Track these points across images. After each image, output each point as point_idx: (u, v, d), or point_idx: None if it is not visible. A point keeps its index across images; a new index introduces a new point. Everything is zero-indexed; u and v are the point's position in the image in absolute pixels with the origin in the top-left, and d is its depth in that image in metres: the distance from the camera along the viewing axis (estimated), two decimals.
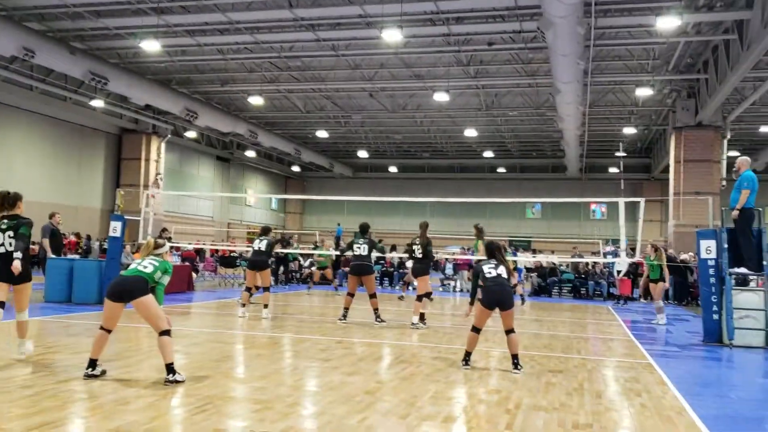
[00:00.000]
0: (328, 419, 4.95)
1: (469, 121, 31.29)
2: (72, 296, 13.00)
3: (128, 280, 6.28)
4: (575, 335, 11.11)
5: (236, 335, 9.63)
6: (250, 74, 25.49)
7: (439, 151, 41.08)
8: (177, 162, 36.35)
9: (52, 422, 4.57)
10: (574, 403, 5.85)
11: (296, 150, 37.71)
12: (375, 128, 34.84)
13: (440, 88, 23.74)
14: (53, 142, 29.29)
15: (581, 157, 34.26)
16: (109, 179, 32.37)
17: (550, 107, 26.17)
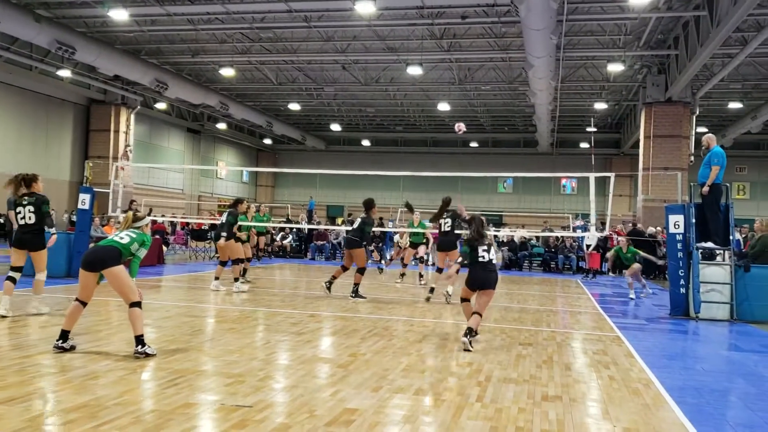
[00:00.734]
0: (300, 392, 4.96)
1: (442, 95, 31.19)
2: None
3: (101, 249, 6.27)
4: (545, 308, 11.29)
5: (208, 309, 9.57)
6: (222, 45, 24.98)
7: (412, 125, 40.99)
8: (147, 134, 35.68)
9: (19, 397, 4.50)
10: (543, 375, 5.95)
11: (268, 122, 37.25)
12: (348, 101, 34.55)
13: (413, 62, 23.56)
14: (19, 112, 28.48)
15: (552, 132, 34.48)
16: (77, 151, 31.67)
17: (522, 82, 26.20)
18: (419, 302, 11.31)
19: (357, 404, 4.69)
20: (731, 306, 10.36)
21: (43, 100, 29.53)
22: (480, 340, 7.57)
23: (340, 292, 11.69)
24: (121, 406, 4.40)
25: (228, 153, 44.71)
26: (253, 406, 4.52)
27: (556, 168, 36.32)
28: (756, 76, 24.50)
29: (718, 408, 5.18)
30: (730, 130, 32.37)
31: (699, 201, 10.98)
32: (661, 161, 23.36)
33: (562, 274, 20.49)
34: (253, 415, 4.33)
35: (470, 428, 4.27)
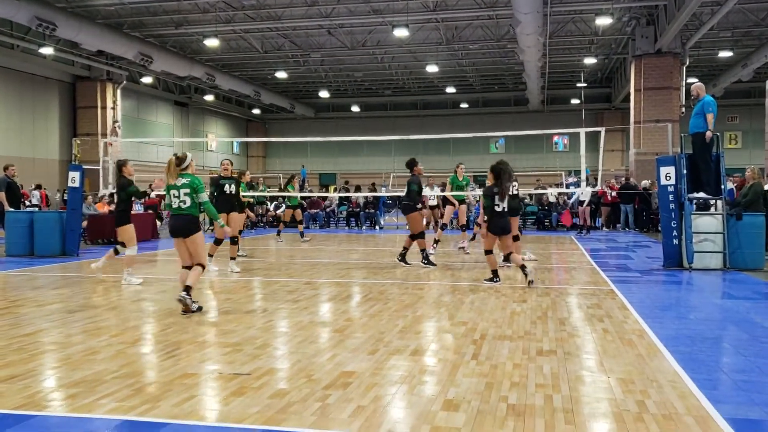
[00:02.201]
0: (297, 358, 5.01)
1: (430, 57, 30.84)
2: (34, 249, 12.76)
3: (181, 219, 7.10)
4: (539, 266, 11.35)
5: (203, 281, 9.60)
6: (205, 15, 24.53)
7: (401, 88, 40.62)
8: (134, 109, 35.28)
9: (20, 375, 4.53)
10: (538, 330, 6.02)
11: (255, 92, 36.84)
12: (335, 67, 34.14)
13: (400, 23, 23.22)
14: (3, 92, 28.07)
15: (543, 89, 34.23)
16: (65, 129, 31.33)
17: (510, 39, 25.89)
18: (413, 266, 11.35)
19: (354, 367, 4.74)
20: (724, 255, 10.45)
21: (28, 79, 29.08)
22: (475, 299, 7.64)
23: (325, 260, 11.72)
24: (120, 379, 4.43)
25: (217, 125, 44.32)
26: (251, 374, 4.56)
27: (548, 125, 36.17)
28: (746, 23, 24.24)
29: (712, 355, 5.26)
30: (721, 80, 32.19)
31: (690, 152, 10.98)
32: (652, 114, 23.27)
33: (555, 232, 20.59)
34: (252, 382, 4.37)
35: (466, 385, 4.33)
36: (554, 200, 21.77)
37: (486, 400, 4.04)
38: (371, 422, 3.65)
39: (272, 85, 38.49)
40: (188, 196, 7.08)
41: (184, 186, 7.13)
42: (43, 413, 3.80)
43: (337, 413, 3.78)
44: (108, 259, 9.62)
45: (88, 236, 15.89)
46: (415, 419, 3.70)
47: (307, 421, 3.65)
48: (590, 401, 4.05)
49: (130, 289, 8.64)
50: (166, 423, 3.62)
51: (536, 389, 4.26)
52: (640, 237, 18.17)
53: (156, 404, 3.92)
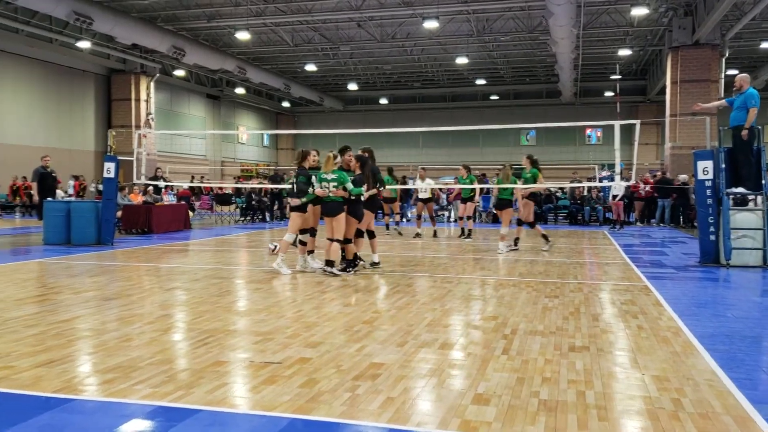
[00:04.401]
0: (326, 348, 5.02)
1: (461, 49, 30.62)
2: (71, 238, 13.03)
3: (332, 203, 8.92)
4: (571, 261, 11.22)
5: (235, 271, 9.70)
6: (236, 8, 24.73)
7: (431, 81, 40.44)
8: (167, 101, 35.77)
9: (58, 359, 4.63)
10: (570, 326, 5.94)
11: (285, 85, 37.05)
12: (364, 59, 34.13)
13: (430, 15, 23.10)
14: (43, 85, 28.71)
15: (576, 81, 33.77)
16: (100, 121, 31.93)
17: (543, 31, 25.57)
18: (441, 258, 11.31)
19: (383, 359, 4.73)
20: (764, 252, 10.18)
21: (65, 72, 29.69)
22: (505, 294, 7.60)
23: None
24: (155, 365, 4.50)
25: (248, 117, 44.70)
26: (281, 363, 4.59)
27: (580, 118, 35.68)
28: None
29: (751, 354, 5.12)
30: (762, 72, 31.36)
31: (729, 146, 10.70)
32: (688, 107, 22.75)
33: (588, 226, 20.31)
34: (282, 371, 4.40)
35: (496, 380, 4.29)
36: (587, 194, 21.48)
37: (517, 395, 4.00)
38: (400, 414, 3.64)
39: (302, 78, 38.66)
40: (335, 188, 8.84)
41: (333, 180, 8.87)
42: (80, 397, 3.88)
43: (367, 404, 3.78)
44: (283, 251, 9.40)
45: (123, 226, 16.17)
46: (444, 412, 3.69)
47: (336, 411, 3.66)
48: (624, 398, 3.99)
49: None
50: (199, 409, 3.67)
51: (568, 385, 4.21)
52: (675, 232, 17.83)
53: (189, 391, 3.97)
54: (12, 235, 15.59)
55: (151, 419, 3.55)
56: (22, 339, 5.20)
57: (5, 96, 26.85)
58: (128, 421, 3.52)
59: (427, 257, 11.53)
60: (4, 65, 26.61)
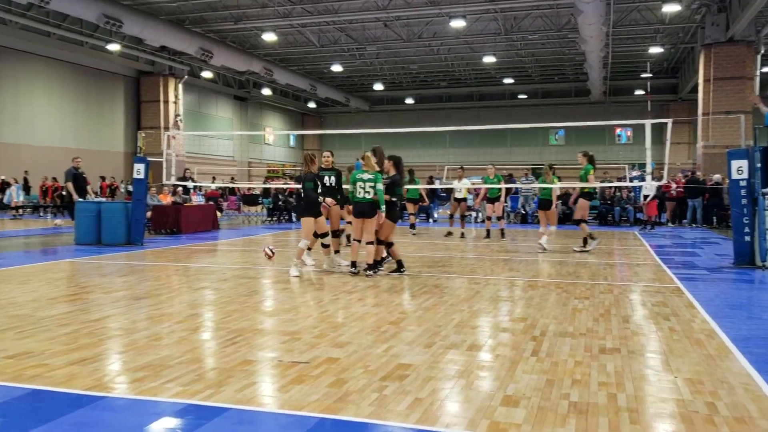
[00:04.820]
0: (354, 349, 5.02)
1: (488, 47, 30.46)
2: (101, 238, 13.23)
3: (363, 204, 8.85)
4: (601, 262, 11.07)
5: (262, 271, 9.75)
6: (263, 9, 24.91)
7: (457, 80, 40.28)
8: (195, 103, 36.21)
9: (90, 358, 4.70)
10: (600, 328, 5.85)
11: (311, 86, 37.24)
12: (390, 59, 34.14)
13: (457, 14, 23.01)
14: (73, 87, 29.28)
15: (605, 79, 33.36)
16: (130, 122, 32.45)
17: (571, 29, 25.30)
18: (468, 259, 11.25)
19: (410, 360, 4.71)
20: None
21: (95, 74, 30.23)
22: (534, 295, 7.52)
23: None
24: (184, 364, 4.54)
25: (274, 118, 45.04)
26: (309, 362, 4.60)
27: (610, 117, 35.24)
28: None
29: None
30: None
31: (765, 144, 10.44)
32: (722, 105, 22.33)
33: (619, 227, 20.02)
34: (310, 370, 4.41)
35: (525, 381, 4.24)
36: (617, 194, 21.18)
37: (546, 396, 3.96)
38: (429, 415, 3.62)
39: (328, 78, 38.81)
40: (372, 189, 8.82)
41: (369, 180, 8.84)
42: (111, 395, 3.93)
43: (395, 405, 3.76)
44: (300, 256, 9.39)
45: (152, 226, 16.38)
46: (473, 413, 3.66)
47: (364, 412, 3.65)
48: (656, 401, 3.91)
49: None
50: (229, 408, 3.69)
51: (599, 387, 4.14)
52: (707, 233, 17.49)
53: (218, 389, 4.00)
54: (44, 235, 15.91)
55: (181, 417, 3.58)
56: (55, 337, 5.29)
57: (37, 98, 27.44)
58: (159, 419, 3.56)
59: (455, 258, 11.47)
60: (36, 68, 27.20)
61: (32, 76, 27.16)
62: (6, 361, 4.56)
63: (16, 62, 26.37)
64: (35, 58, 26.95)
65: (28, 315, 6.16)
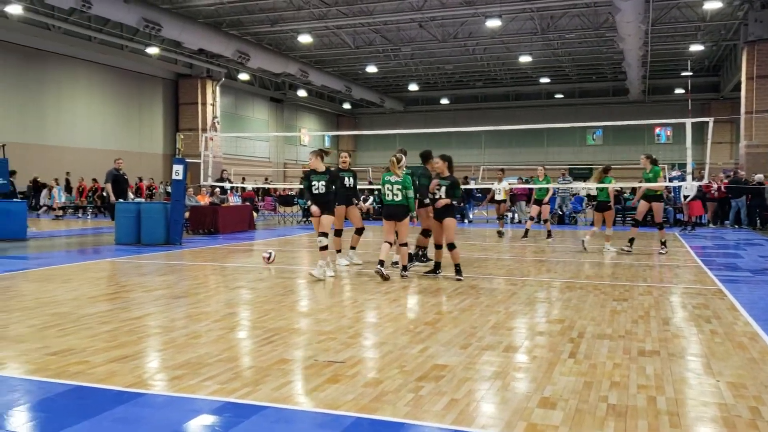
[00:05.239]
0: (389, 349, 5.02)
1: (524, 47, 30.20)
2: (141, 238, 13.50)
3: (394, 207, 8.75)
4: (640, 263, 10.87)
5: (298, 271, 9.83)
6: (299, 12, 25.14)
7: (493, 80, 40.03)
8: (232, 105, 36.71)
9: (130, 355, 4.80)
10: (640, 330, 5.75)
11: (346, 87, 37.43)
12: (425, 60, 34.11)
13: (492, 14, 22.87)
14: (114, 90, 29.98)
15: (644, 78, 32.78)
16: (168, 124, 33.07)
17: (609, 27, 24.92)
18: (505, 260, 11.16)
19: (446, 360, 4.70)
20: None
21: (135, 77, 30.89)
22: (572, 297, 7.43)
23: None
24: (222, 362, 4.61)
25: (309, 120, 45.38)
26: (345, 362, 4.62)
27: (649, 116, 34.59)
28: None
29: None
30: None
31: None
32: (765, 103, 21.76)
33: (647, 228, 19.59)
34: (346, 370, 4.43)
35: (563, 383, 4.19)
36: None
37: (585, 399, 3.90)
38: (465, 415, 3.60)
39: (363, 79, 38.95)
40: (399, 191, 8.72)
41: (397, 183, 8.73)
42: (151, 392, 4.01)
43: (431, 405, 3.76)
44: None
45: (190, 226, 16.65)
46: (510, 415, 3.63)
47: (401, 411, 3.65)
48: (697, 405, 3.83)
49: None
50: (266, 406, 3.73)
51: (638, 390, 4.07)
52: (751, 234, 17.02)
53: (256, 388, 4.04)
54: (85, 235, 16.30)
55: (219, 415, 3.63)
56: (96, 335, 5.42)
57: (79, 101, 28.16)
58: (197, 416, 3.62)
59: (491, 258, 11.38)
60: (78, 72, 27.92)
61: (74, 79, 27.89)
62: (49, 358, 4.69)
63: (59, 66, 27.11)
64: (77, 62, 27.66)
65: (70, 313, 6.32)
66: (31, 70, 26.20)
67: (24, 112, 25.98)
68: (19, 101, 25.77)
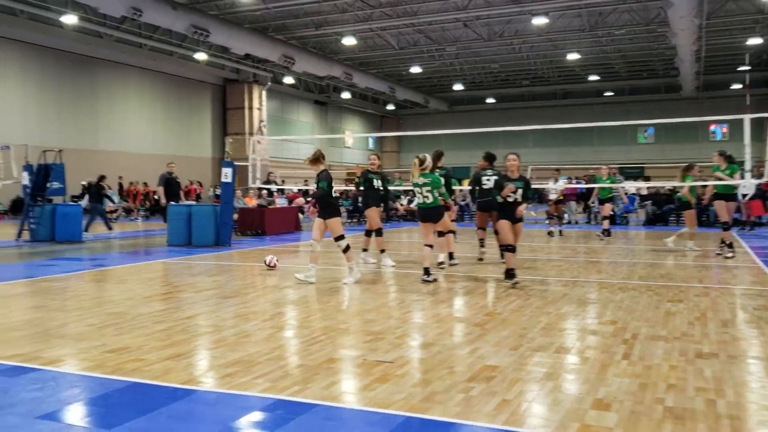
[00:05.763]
0: (438, 350, 4.99)
1: (572, 44, 29.70)
2: (191, 239, 13.78)
3: (429, 209, 8.64)
4: (696, 264, 10.54)
5: (343, 271, 9.87)
6: (343, 15, 25.30)
7: (540, 78, 39.47)
8: (278, 109, 37.20)
9: (183, 353, 4.91)
10: (696, 332, 5.57)
11: (391, 88, 37.49)
12: (470, 59, 33.87)
13: (539, 12, 22.56)
14: (164, 96, 30.75)
15: (698, 74, 31.82)
16: (216, 128, 33.73)
17: (661, 23, 24.28)
18: (555, 260, 10.97)
19: (496, 361, 4.64)
20: None
21: (184, 83, 31.62)
22: (624, 298, 7.26)
23: (466, 254, 11.59)
24: (272, 361, 4.66)
25: (353, 122, 45.62)
26: (393, 362, 4.61)
27: (703, 113, 33.41)
28: None
29: None
30: None
31: None
32: None
33: (715, 228, 18.98)
34: (395, 370, 4.42)
35: (617, 385, 4.09)
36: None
37: (640, 401, 3.80)
38: (517, 416, 3.55)
39: (407, 80, 38.94)
40: (430, 193, 8.59)
41: (426, 185, 8.60)
42: (204, 389, 4.08)
43: (481, 406, 3.71)
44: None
45: (238, 228, 16.92)
46: (563, 416, 3.56)
47: (451, 412, 3.62)
48: (760, 409, 3.69)
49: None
50: (316, 404, 3.75)
51: (696, 393, 3.94)
52: None
53: (306, 386, 4.07)
54: (138, 238, 16.75)
55: (271, 412, 3.67)
56: (151, 334, 5.55)
57: (130, 107, 28.98)
58: (249, 413, 3.66)
59: (540, 259, 11.22)
60: (129, 78, 28.73)
61: (126, 86, 28.72)
62: (107, 355, 4.82)
63: (111, 73, 27.96)
64: (128, 69, 28.48)
65: (126, 312, 6.49)
66: (85, 77, 27.09)
67: (78, 119, 26.87)
68: (74, 108, 26.67)
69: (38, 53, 25.17)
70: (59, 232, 14.72)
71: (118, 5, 19.94)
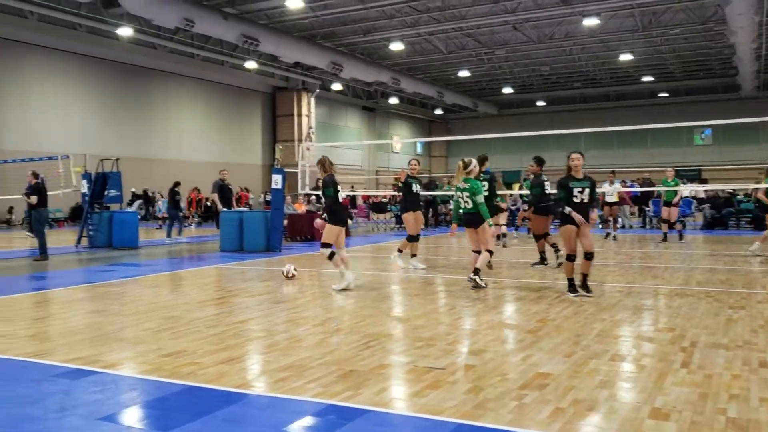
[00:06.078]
0: (490, 356, 4.94)
1: (624, 45, 29.07)
2: (243, 245, 14.03)
3: (470, 215, 8.51)
4: (759, 269, 10.15)
5: (391, 277, 9.88)
6: (391, 20, 25.40)
7: (591, 80, 38.73)
8: (326, 115, 37.59)
9: (237, 357, 4.99)
10: (760, 340, 5.35)
11: (439, 93, 37.39)
12: (520, 62, 33.50)
13: (590, 13, 22.17)
14: (216, 104, 31.49)
15: (758, 73, 30.67)
16: (266, 136, 34.32)
17: (718, 21, 23.53)
18: (609, 266, 10.73)
19: (550, 369, 4.56)
20: None
21: (235, 91, 32.30)
22: (682, 304, 7.02)
23: (511, 259, 11.43)
24: (324, 366, 4.69)
25: (401, 127, 45.69)
26: (445, 369, 4.58)
27: (764, 113, 32.23)
28: None
29: None
30: None
31: None
32: None
33: None
34: (446, 376, 4.39)
35: (676, 394, 3.96)
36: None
37: (700, 411, 3.67)
38: (571, 425, 3.48)
39: (455, 84, 38.78)
40: (470, 198, 8.46)
41: (466, 190, 8.51)
42: (257, 393, 4.14)
43: (535, 413, 3.65)
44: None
45: (288, 233, 17.14)
46: (619, 425, 3.46)
47: (504, 419, 3.57)
48: None
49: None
50: (369, 410, 3.75)
51: (761, 403, 3.79)
52: None
53: (357, 391, 4.08)
54: (192, 243, 17.14)
55: (323, 417, 3.69)
56: (205, 338, 5.66)
57: (184, 116, 29.77)
58: (302, 417, 3.69)
59: (594, 265, 10.95)
60: (183, 88, 29.54)
61: (179, 95, 29.53)
62: (163, 359, 4.94)
63: (165, 83, 28.81)
64: (181, 79, 29.28)
65: (181, 317, 6.64)
66: (140, 87, 27.96)
67: (134, 128, 27.74)
68: (130, 117, 27.55)
69: (96, 65, 26.15)
70: (116, 238, 15.20)
71: (172, 17, 20.53)
